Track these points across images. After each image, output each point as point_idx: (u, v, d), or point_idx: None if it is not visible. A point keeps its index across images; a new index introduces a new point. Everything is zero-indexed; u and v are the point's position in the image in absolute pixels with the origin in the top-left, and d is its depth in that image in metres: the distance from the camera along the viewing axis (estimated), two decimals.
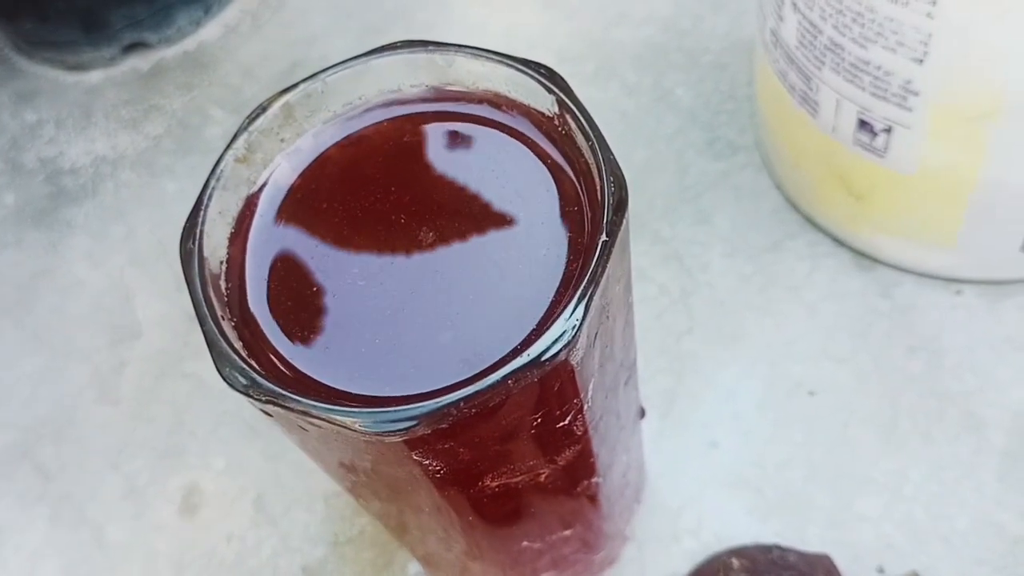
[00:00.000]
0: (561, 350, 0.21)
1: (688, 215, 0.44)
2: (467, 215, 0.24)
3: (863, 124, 0.35)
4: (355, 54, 0.26)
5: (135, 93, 0.55)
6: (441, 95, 0.26)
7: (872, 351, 0.40)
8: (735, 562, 0.34)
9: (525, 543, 0.31)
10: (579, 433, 0.25)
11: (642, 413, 0.33)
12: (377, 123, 0.26)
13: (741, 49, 0.48)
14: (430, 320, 0.23)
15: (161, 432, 0.43)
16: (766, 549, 0.36)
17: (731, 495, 0.37)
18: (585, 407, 0.24)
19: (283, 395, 0.21)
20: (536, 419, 0.23)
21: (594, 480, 0.29)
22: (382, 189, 0.25)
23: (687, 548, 0.36)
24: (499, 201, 0.24)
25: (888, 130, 0.34)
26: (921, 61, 0.31)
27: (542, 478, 0.26)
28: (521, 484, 0.26)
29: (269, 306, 0.24)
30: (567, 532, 0.31)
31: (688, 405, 0.39)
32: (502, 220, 0.24)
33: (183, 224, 0.24)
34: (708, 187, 0.45)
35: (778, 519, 0.37)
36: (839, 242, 0.42)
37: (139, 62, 0.56)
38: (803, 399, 0.39)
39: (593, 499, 0.31)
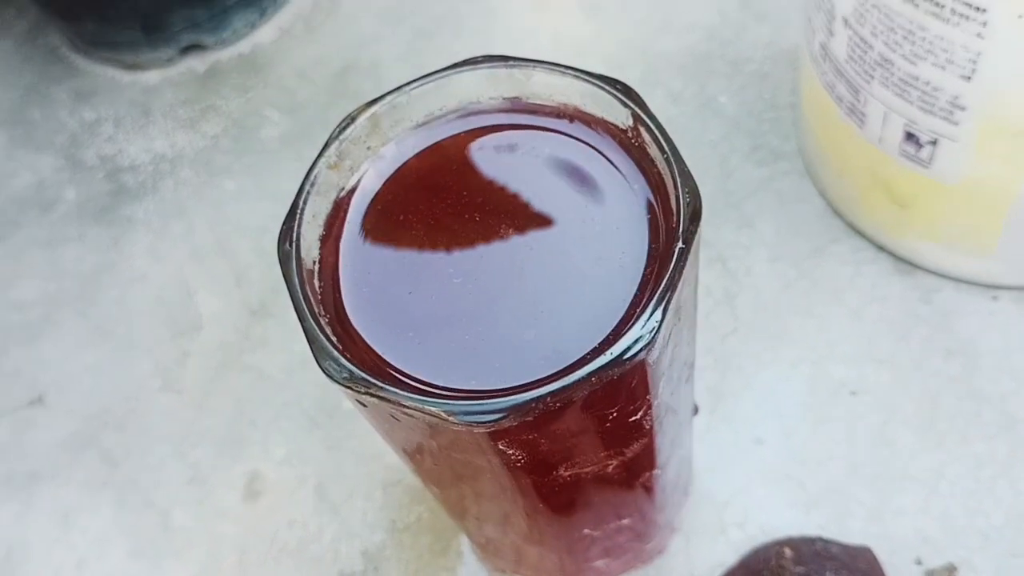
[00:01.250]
0: (641, 350, 0.22)
1: (732, 219, 0.45)
2: (546, 220, 0.26)
3: (909, 136, 0.37)
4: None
5: (192, 93, 0.56)
6: (518, 107, 0.28)
7: (912, 354, 0.41)
8: (787, 551, 0.36)
9: (585, 531, 0.32)
10: (647, 427, 0.27)
11: (696, 410, 0.35)
12: (457, 133, 0.28)
13: (783, 58, 0.50)
14: (514, 319, 0.24)
15: (223, 422, 0.45)
16: (810, 541, 0.37)
17: (775, 489, 0.39)
18: (654, 403, 0.26)
19: (379, 387, 0.23)
20: (611, 413, 0.25)
21: (654, 472, 0.30)
22: (464, 195, 0.27)
23: (733, 539, 0.38)
24: (577, 208, 0.26)
25: (934, 142, 0.36)
26: (969, 78, 0.33)
27: (609, 469, 0.28)
28: (590, 474, 0.28)
29: (360, 304, 0.26)
30: (624, 521, 0.33)
31: (733, 403, 0.41)
32: (581, 226, 0.26)
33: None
34: (751, 193, 0.46)
35: (820, 513, 0.38)
36: (881, 248, 0.43)
37: (196, 63, 0.58)
38: (845, 399, 0.40)
39: (649, 490, 0.32)
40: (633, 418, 0.26)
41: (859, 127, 0.39)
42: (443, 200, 0.27)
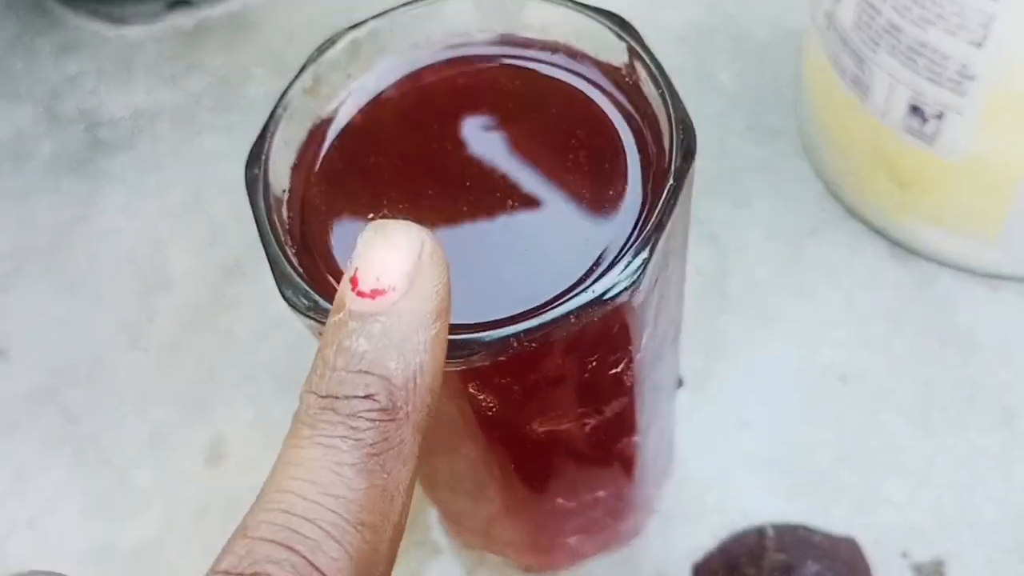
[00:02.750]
0: (624, 290, 0.21)
1: (727, 198, 0.44)
2: (534, 157, 0.24)
3: (914, 110, 0.35)
4: None
5: (177, 50, 0.55)
6: (509, 40, 0.26)
7: (906, 341, 0.40)
8: (768, 537, 0.34)
9: (559, 500, 0.31)
10: (628, 384, 0.25)
11: (680, 382, 0.33)
12: (443, 65, 0.26)
13: (786, 35, 0.48)
14: (494, 257, 0.23)
15: (189, 382, 0.43)
16: (792, 528, 0.36)
17: (759, 474, 0.37)
18: (636, 356, 0.24)
19: None
20: (591, 361, 0.23)
21: (633, 439, 0.29)
22: (448, 129, 0.25)
23: (712, 523, 0.37)
24: (567, 145, 0.24)
25: (940, 116, 0.34)
26: (980, 44, 0.31)
27: (587, 428, 0.26)
28: (565, 433, 0.26)
29: (329, 236, 0.24)
30: (599, 494, 0.32)
31: (720, 384, 0.39)
32: (569, 163, 0.24)
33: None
34: (748, 171, 0.45)
35: (805, 500, 0.37)
36: (879, 232, 0.42)
37: (183, 20, 0.56)
38: (834, 384, 0.39)
39: (628, 462, 0.31)
40: (614, 370, 0.24)
41: (862, 100, 0.37)
42: (424, 135, 0.25)
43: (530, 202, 0.24)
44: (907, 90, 0.35)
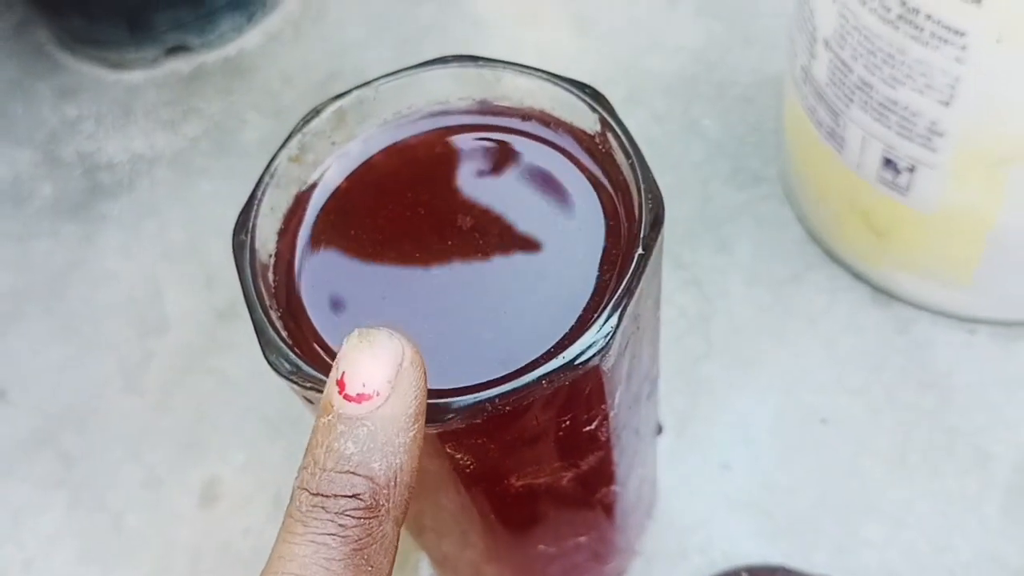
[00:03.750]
0: (595, 355, 0.22)
1: (709, 242, 0.45)
2: (508, 223, 0.25)
3: (887, 162, 0.36)
4: (391, 66, 0.27)
5: (175, 95, 0.56)
6: (487, 109, 0.27)
7: (885, 385, 0.40)
8: (746, 574, 0.35)
9: (541, 547, 0.31)
10: (603, 439, 0.26)
11: (660, 429, 0.34)
12: (424, 132, 0.27)
13: (769, 83, 0.50)
14: (469, 321, 0.24)
15: (184, 425, 0.44)
16: (772, 570, 0.36)
17: (741, 516, 0.38)
18: (611, 414, 0.25)
19: (324, 382, 0.22)
20: (564, 421, 0.24)
21: (612, 488, 0.30)
22: (427, 195, 0.26)
23: (695, 565, 0.37)
24: (540, 211, 0.25)
25: (912, 169, 0.35)
26: (948, 104, 0.32)
27: (564, 481, 0.27)
28: (544, 486, 0.27)
29: (314, 300, 0.25)
30: (581, 539, 0.32)
31: (702, 427, 0.40)
32: (542, 230, 0.25)
33: (223, 221, 0.25)
34: (730, 216, 0.46)
35: (785, 542, 0.37)
36: (858, 277, 0.43)
37: (180, 65, 0.57)
38: (815, 427, 0.40)
39: (609, 508, 0.31)
40: (587, 428, 0.25)
41: (838, 152, 0.38)
42: (406, 199, 0.26)
43: (506, 267, 0.25)
44: (880, 144, 0.36)
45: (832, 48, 0.35)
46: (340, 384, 0.19)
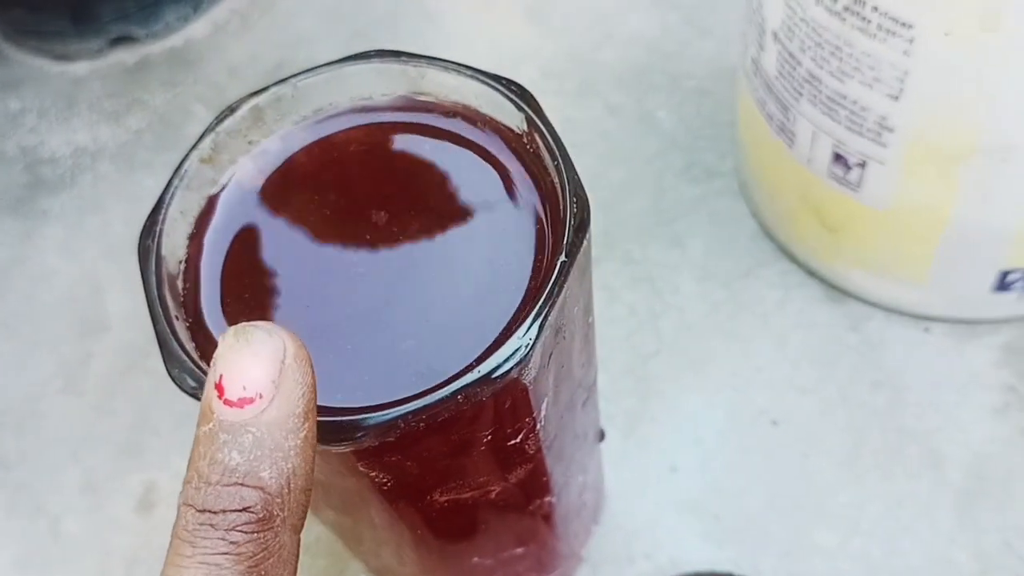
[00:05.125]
0: (512, 368, 0.21)
1: (661, 238, 0.44)
2: (430, 228, 0.24)
3: (838, 157, 0.35)
4: (340, 58, 0.26)
5: (119, 87, 0.54)
6: (412, 105, 0.26)
7: (837, 384, 0.40)
8: None
9: (476, 559, 0.30)
10: (531, 452, 0.25)
11: (601, 435, 0.33)
12: (346, 130, 0.26)
13: (725, 75, 0.49)
14: (387, 332, 0.23)
15: (123, 427, 0.43)
16: None
17: (689, 520, 0.37)
18: (538, 426, 0.24)
19: None
20: (486, 436, 0.23)
21: (548, 499, 0.29)
22: (347, 197, 0.25)
23: (641, 571, 0.36)
24: (463, 216, 0.24)
25: (862, 165, 0.35)
26: (897, 98, 0.32)
27: (493, 495, 0.26)
28: (471, 500, 0.26)
29: (225, 309, 0.24)
30: (520, 550, 0.31)
31: (651, 428, 0.39)
32: (468, 234, 0.24)
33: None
34: (684, 211, 0.45)
35: (734, 546, 0.37)
36: (811, 273, 0.42)
37: (125, 56, 0.56)
38: (766, 428, 0.39)
39: (547, 518, 0.30)
40: (513, 441, 0.24)
41: (789, 146, 0.37)
42: (324, 202, 0.25)
43: (431, 273, 0.23)
44: (830, 139, 0.35)
45: (780, 40, 0.34)
46: (219, 388, 0.18)
